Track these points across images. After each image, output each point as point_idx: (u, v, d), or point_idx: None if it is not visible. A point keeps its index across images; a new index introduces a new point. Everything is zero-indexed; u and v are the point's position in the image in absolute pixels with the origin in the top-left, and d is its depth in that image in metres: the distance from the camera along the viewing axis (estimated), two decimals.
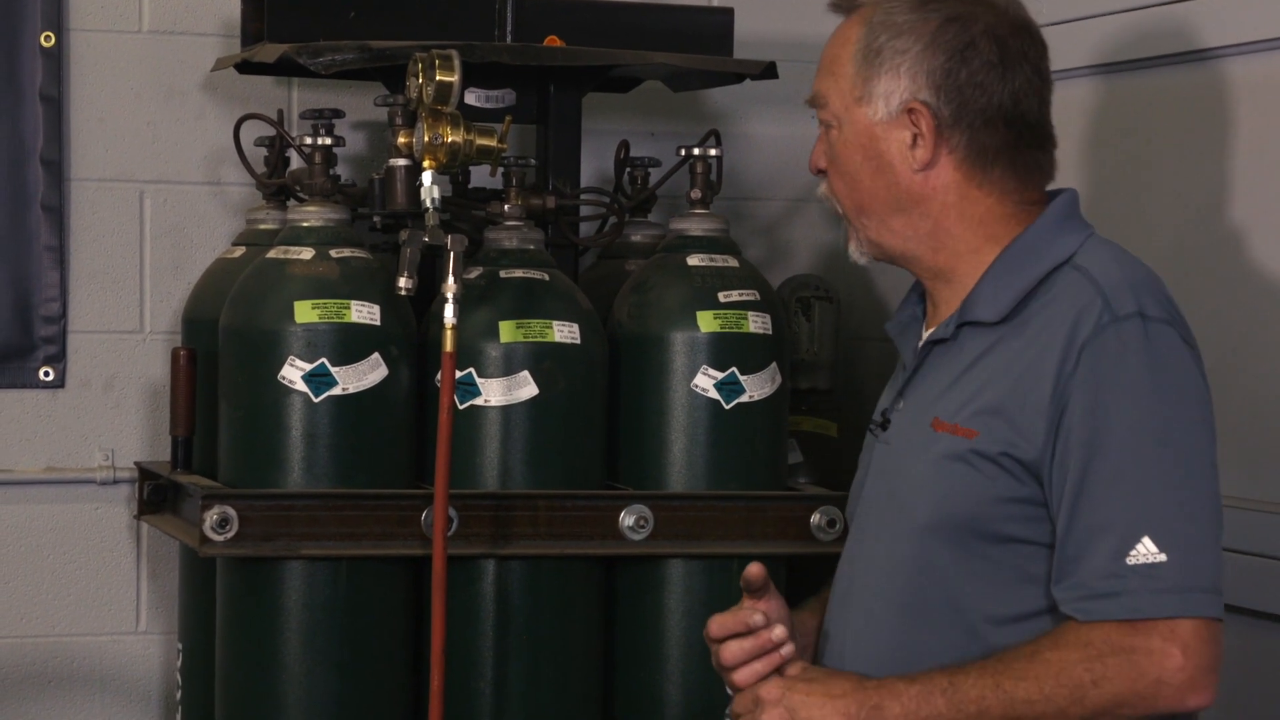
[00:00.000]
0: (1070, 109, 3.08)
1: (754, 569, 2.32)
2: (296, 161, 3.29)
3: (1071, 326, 2.24)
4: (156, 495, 3.32)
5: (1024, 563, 2.27)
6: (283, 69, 3.32)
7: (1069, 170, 3.09)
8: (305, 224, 3.10)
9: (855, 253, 2.44)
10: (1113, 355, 2.22)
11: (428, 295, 3.04)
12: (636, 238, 3.40)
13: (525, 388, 3.02)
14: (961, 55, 2.34)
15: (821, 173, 2.44)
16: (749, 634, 2.30)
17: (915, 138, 2.35)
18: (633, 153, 3.44)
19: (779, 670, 2.30)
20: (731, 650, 2.30)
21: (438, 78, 2.91)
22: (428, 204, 2.92)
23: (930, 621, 2.29)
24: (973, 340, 2.34)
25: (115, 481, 3.56)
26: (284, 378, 2.97)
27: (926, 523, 2.29)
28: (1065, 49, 2.83)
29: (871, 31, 2.36)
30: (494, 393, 3.02)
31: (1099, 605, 2.20)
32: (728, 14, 3.42)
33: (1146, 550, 2.19)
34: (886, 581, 2.33)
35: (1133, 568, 2.19)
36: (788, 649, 2.30)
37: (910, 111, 2.35)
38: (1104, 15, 3.07)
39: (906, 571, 2.31)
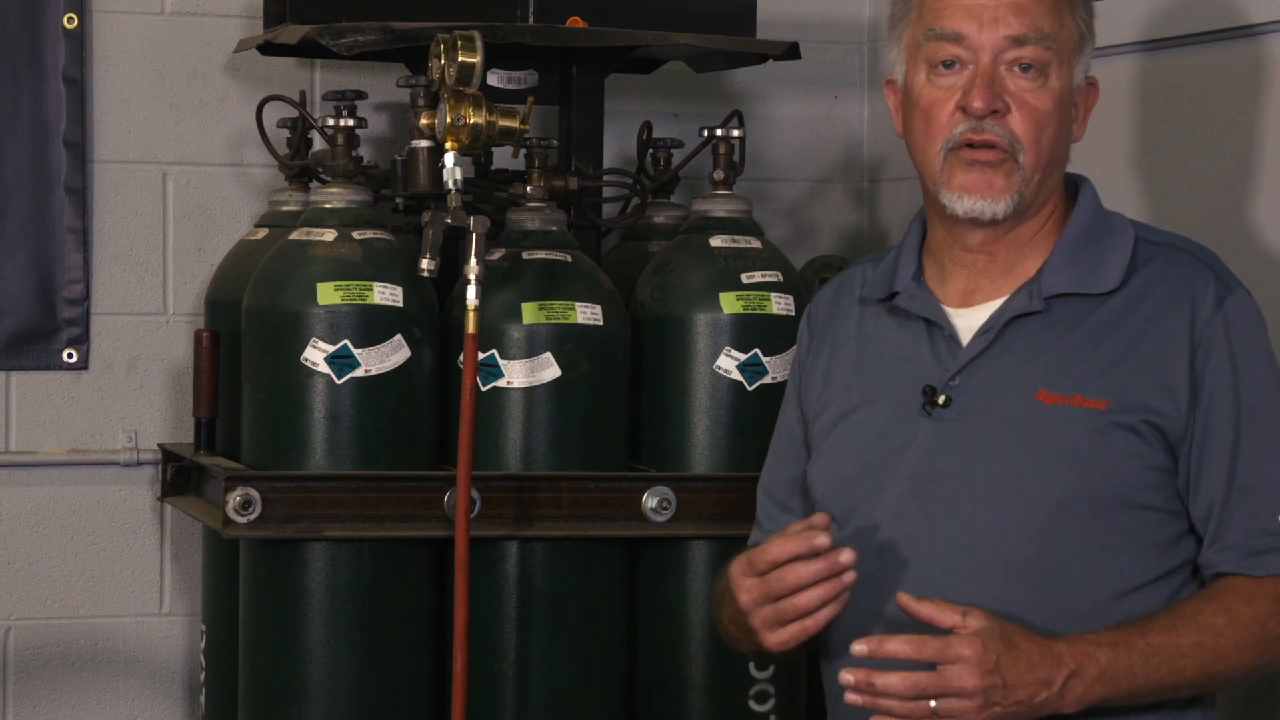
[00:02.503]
0: (1115, 85, 3.07)
1: (822, 518, 2.26)
2: (319, 143, 3.29)
3: (1191, 299, 2.31)
4: (180, 477, 3.32)
5: (1149, 530, 2.31)
6: (305, 50, 3.32)
7: (1114, 147, 3.10)
8: (328, 205, 3.09)
9: (999, 206, 2.35)
10: (1240, 326, 2.31)
11: (450, 277, 3.04)
12: (659, 219, 3.40)
13: (548, 369, 3.02)
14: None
15: (995, 113, 2.34)
16: (812, 558, 2.22)
17: (1077, 111, 2.39)
18: (655, 134, 3.43)
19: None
20: (798, 573, 2.21)
21: (460, 59, 2.90)
22: (450, 185, 2.92)
23: (1055, 593, 2.28)
24: (1068, 312, 2.35)
25: (139, 463, 3.56)
26: (307, 359, 2.97)
27: (1064, 495, 2.29)
28: (1109, 25, 2.81)
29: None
30: (516, 374, 3.02)
31: (1267, 560, 2.26)
32: None
33: None
34: (1002, 556, 2.30)
35: None
36: (850, 576, 2.22)
37: (1091, 85, 2.40)
38: None
39: (1031, 545, 2.29)
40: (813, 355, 2.57)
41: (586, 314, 3.04)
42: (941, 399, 2.37)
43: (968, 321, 2.41)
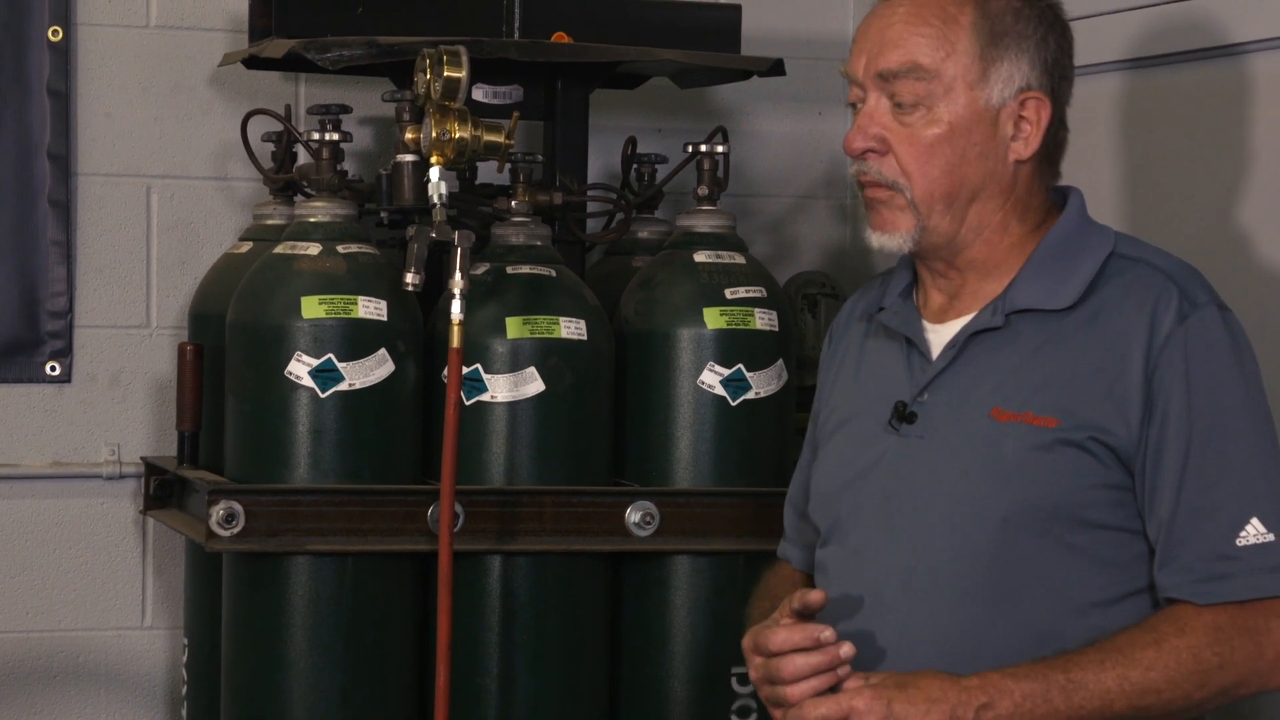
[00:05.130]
0: (1099, 103, 3.08)
1: (818, 596, 2.26)
2: (304, 157, 3.29)
3: (1151, 315, 2.28)
4: (163, 490, 3.31)
5: (1107, 549, 2.28)
6: (290, 64, 3.32)
7: (1098, 164, 3.11)
8: (312, 219, 3.10)
9: (896, 240, 2.35)
10: (1201, 343, 2.27)
11: (435, 291, 3.04)
12: (643, 234, 3.40)
13: (532, 384, 3.02)
14: (1068, 46, 2.37)
15: (872, 152, 2.34)
16: (814, 649, 2.21)
17: (1021, 126, 2.34)
18: (640, 149, 3.44)
19: (833, 688, 2.22)
20: (796, 664, 2.21)
21: (445, 73, 2.91)
22: (435, 200, 2.92)
23: (1008, 612, 2.27)
24: (1028, 328, 2.33)
25: (121, 476, 3.56)
26: (291, 373, 2.97)
27: (1009, 513, 2.27)
28: (1094, 43, 2.82)
29: (992, 11, 2.32)
30: (500, 389, 3.02)
31: (1216, 587, 2.22)
32: (735, 10, 3.42)
33: (1256, 530, 2.23)
34: (953, 575, 2.29)
35: (1243, 548, 2.23)
36: (845, 669, 2.22)
37: (1026, 101, 2.33)
38: (1132, 10, 3.05)
39: (981, 563, 2.28)
40: (827, 365, 2.58)
41: (570, 329, 3.04)
42: (908, 415, 2.38)
43: (940, 337, 2.41)
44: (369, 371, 2.99)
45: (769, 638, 2.24)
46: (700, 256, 3.17)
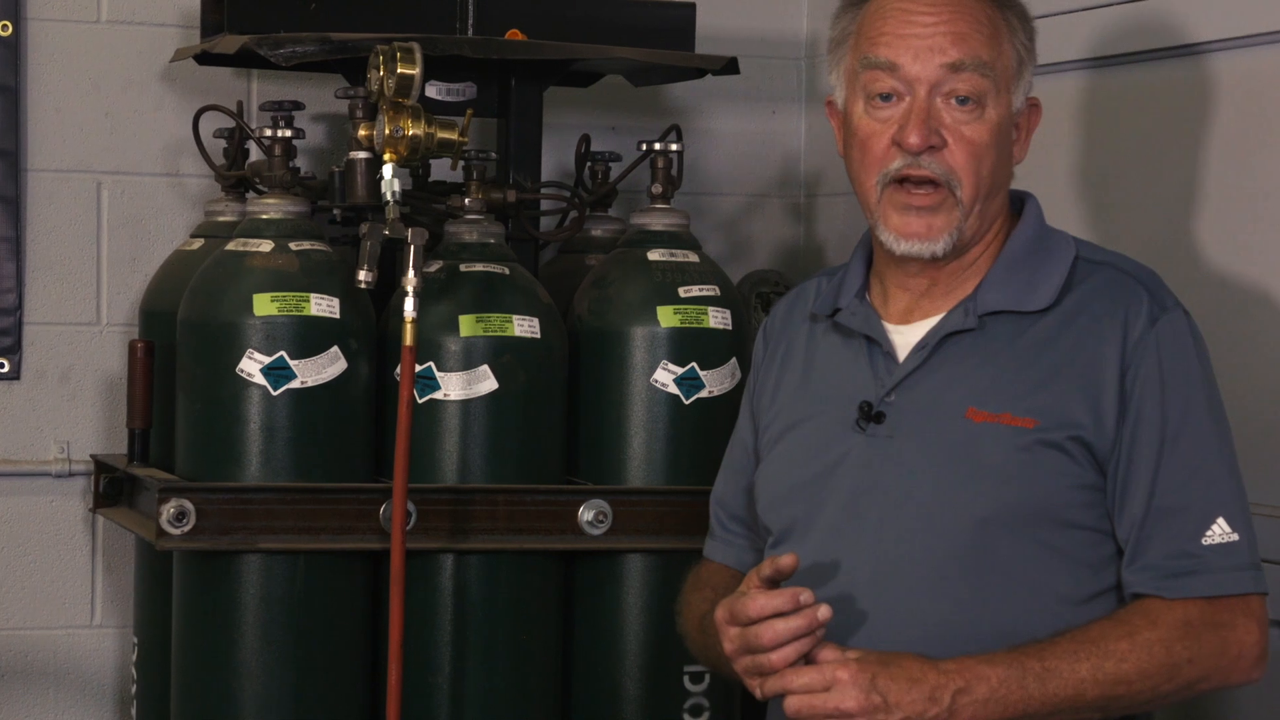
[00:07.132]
0: (1060, 102, 3.09)
1: (789, 560, 2.24)
2: (256, 153, 3.28)
3: (1124, 318, 2.31)
4: (113, 488, 3.30)
5: (1082, 549, 2.31)
6: (242, 60, 3.30)
7: (1059, 164, 3.12)
8: (264, 216, 3.08)
9: (934, 248, 2.35)
10: (1171, 346, 2.30)
11: (387, 289, 3.03)
12: (597, 232, 3.40)
13: (485, 382, 3.02)
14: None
15: (930, 148, 2.33)
16: (793, 612, 2.20)
17: (1019, 132, 2.39)
18: (594, 147, 3.44)
19: (807, 657, 2.22)
20: (776, 630, 2.20)
21: (399, 70, 2.90)
22: (388, 197, 2.91)
23: (980, 611, 2.28)
24: (1002, 329, 2.35)
25: (71, 474, 3.54)
26: (242, 370, 2.96)
27: (989, 513, 2.29)
28: (1054, 42, 2.84)
29: (1020, 22, 2.37)
30: (453, 387, 3.01)
31: (1184, 583, 2.25)
32: (689, 9, 3.42)
33: (1221, 530, 2.27)
34: (925, 573, 2.30)
35: (1209, 547, 2.26)
36: (821, 633, 2.22)
37: (1033, 106, 2.40)
38: (1092, 9, 3.06)
39: (955, 562, 2.29)
40: (765, 367, 2.57)
41: (524, 327, 3.04)
42: (876, 415, 2.37)
43: (906, 338, 2.41)
44: (321, 369, 2.98)
45: (745, 605, 2.22)
46: (654, 255, 3.17)
